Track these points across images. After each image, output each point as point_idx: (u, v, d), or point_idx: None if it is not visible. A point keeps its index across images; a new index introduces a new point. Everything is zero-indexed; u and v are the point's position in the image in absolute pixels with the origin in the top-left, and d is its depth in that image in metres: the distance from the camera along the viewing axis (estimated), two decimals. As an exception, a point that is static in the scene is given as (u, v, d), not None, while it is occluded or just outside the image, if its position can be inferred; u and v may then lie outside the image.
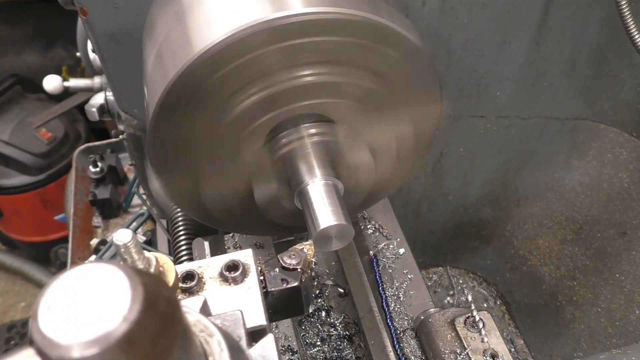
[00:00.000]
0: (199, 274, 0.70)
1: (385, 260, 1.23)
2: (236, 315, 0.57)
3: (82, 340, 0.34)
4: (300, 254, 0.80)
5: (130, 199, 1.91)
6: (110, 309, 0.35)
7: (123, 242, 0.57)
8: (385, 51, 0.78)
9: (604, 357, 0.79)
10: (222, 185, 0.89)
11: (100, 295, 0.36)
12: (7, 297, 3.09)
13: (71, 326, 0.35)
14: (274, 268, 0.77)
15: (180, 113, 0.77)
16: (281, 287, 0.76)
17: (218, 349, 0.47)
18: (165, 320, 0.37)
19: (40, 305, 0.36)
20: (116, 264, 0.38)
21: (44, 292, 0.37)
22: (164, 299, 0.38)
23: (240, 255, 0.72)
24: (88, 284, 0.37)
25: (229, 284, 0.70)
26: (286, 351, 1.09)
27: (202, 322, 0.49)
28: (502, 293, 2.03)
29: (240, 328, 0.57)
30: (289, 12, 0.70)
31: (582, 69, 1.51)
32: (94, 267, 0.38)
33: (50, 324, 0.35)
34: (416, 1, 1.25)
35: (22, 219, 2.89)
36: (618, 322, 1.58)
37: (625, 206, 1.61)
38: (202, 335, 0.48)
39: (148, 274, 0.40)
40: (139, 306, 0.35)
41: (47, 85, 1.56)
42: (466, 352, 0.97)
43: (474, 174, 1.78)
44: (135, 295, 0.36)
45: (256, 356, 0.55)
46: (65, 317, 0.35)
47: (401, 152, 0.94)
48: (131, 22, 0.98)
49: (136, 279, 0.37)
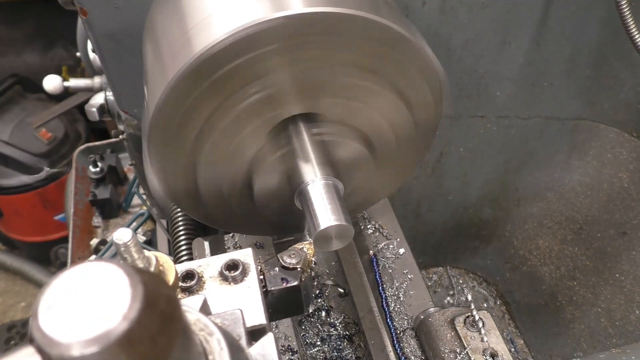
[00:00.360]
0: (198, 273, 0.70)
1: (385, 260, 1.23)
2: (236, 314, 0.57)
3: (82, 339, 0.34)
4: (300, 253, 0.79)
5: (130, 199, 1.91)
6: (110, 307, 0.35)
7: (123, 241, 0.58)
8: (385, 51, 0.78)
9: (603, 357, 0.79)
10: (222, 184, 0.89)
11: (101, 293, 0.36)
12: (7, 297, 3.09)
13: (71, 325, 0.35)
14: (274, 267, 0.77)
15: (181, 113, 0.77)
16: (281, 287, 0.76)
17: (218, 347, 0.47)
18: (165, 319, 0.37)
19: (41, 304, 0.36)
20: (116, 262, 0.38)
21: (44, 291, 0.37)
22: (164, 297, 0.38)
23: (240, 255, 0.72)
24: (88, 283, 0.37)
25: (229, 283, 0.70)
26: (286, 351, 1.09)
27: (201, 321, 0.49)
28: (502, 293, 2.03)
29: (240, 327, 0.57)
30: (288, 12, 0.70)
31: (582, 69, 1.51)
32: (94, 266, 0.38)
33: (50, 322, 0.35)
34: (416, 1, 1.25)
35: (22, 219, 2.89)
36: (618, 322, 1.58)
37: (625, 206, 1.61)
38: (202, 334, 0.48)
39: (148, 272, 0.40)
40: (139, 305, 0.35)
41: (47, 85, 1.56)
42: (466, 352, 0.97)
43: (474, 174, 1.78)
44: (135, 293, 0.36)
45: (256, 355, 0.55)
46: (65, 315, 0.35)
47: (400, 142, 0.92)
48: (131, 22, 0.98)
49: (136, 278, 0.37)
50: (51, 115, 2.29)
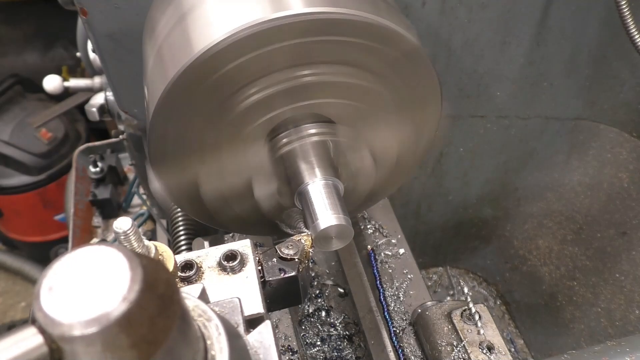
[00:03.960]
0: (197, 264, 0.71)
1: (385, 260, 1.23)
2: (234, 302, 0.58)
3: (82, 319, 0.35)
4: (297, 244, 0.80)
5: (130, 199, 1.91)
6: (110, 289, 0.36)
7: (123, 230, 0.59)
8: (385, 51, 0.78)
9: (599, 349, 0.80)
10: (223, 185, 0.89)
11: (101, 276, 0.37)
12: (7, 297, 3.09)
13: (72, 305, 0.36)
14: (272, 258, 0.78)
15: (181, 113, 0.77)
16: (279, 277, 0.76)
17: (216, 332, 0.48)
18: (164, 301, 0.38)
19: (42, 286, 0.37)
20: (116, 246, 0.39)
21: (45, 273, 0.38)
22: (163, 280, 0.39)
23: (238, 246, 0.73)
24: (89, 265, 0.38)
25: (227, 274, 0.70)
26: (286, 351, 1.08)
27: (200, 307, 0.50)
28: (502, 293, 2.03)
29: (238, 315, 0.57)
30: (288, 12, 0.70)
31: (582, 69, 1.51)
32: (94, 249, 0.39)
33: (51, 303, 0.36)
34: (416, 1, 1.25)
35: (22, 219, 2.88)
36: (618, 322, 1.58)
37: (625, 206, 1.61)
38: (200, 319, 0.49)
39: (147, 257, 0.41)
40: (138, 287, 0.36)
41: (47, 85, 1.56)
42: (462, 344, 0.98)
43: (474, 174, 1.78)
44: (135, 276, 0.37)
45: (253, 342, 0.56)
46: (66, 297, 0.36)
47: (402, 152, 0.94)
48: (131, 22, 0.98)
49: (136, 261, 0.38)
50: (51, 115, 2.29)
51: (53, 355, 0.36)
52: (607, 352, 0.80)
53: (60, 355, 0.36)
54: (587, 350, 0.81)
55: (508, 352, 0.97)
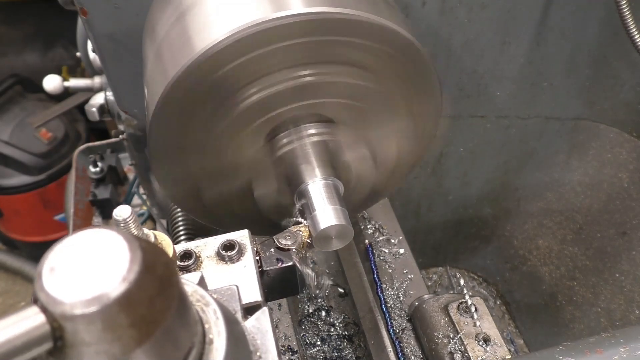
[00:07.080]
0: (196, 253, 0.72)
1: (385, 260, 1.23)
2: (232, 289, 0.59)
3: (83, 299, 0.36)
4: (295, 235, 0.81)
5: (130, 199, 1.91)
6: (110, 270, 0.37)
7: (122, 218, 0.60)
8: (384, 51, 0.78)
9: (593, 340, 0.80)
10: (223, 184, 0.89)
11: (101, 257, 0.38)
12: (7, 297, 3.09)
13: (73, 285, 0.37)
14: (270, 248, 0.79)
15: (181, 113, 0.77)
16: (276, 267, 0.77)
17: (214, 317, 0.48)
18: (162, 282, 0.39)
19: (44, 266, 0.38)
20: (116, 229, 0.40)
21: (47, 255, 0.39)
22: (162, 262, 0.40)
23: (236, 235, 0.74)
24: (89, 247, 0.39)
25: (226, 263, 0.71)
26: (286, 351, 1.08)
27: (198, 292, 0.51)
28: (502, 293, 2.03)
29: (236, 302, 0.58)
30: (288, 12, 0.70)
31: (582, 69, 1.51)
32: (95, 232, 0.40)
33: (53, 283, 0.37)
34: (416, 1, 1.25)
35: (22, 219, 2.89)
36: (618, 322, 1.58)
37: (625, 206, 1.61)
38: (198, 304, 0.49)
39: (146, 240, 0.42)
40: (137, 268, 0.37)
41: (47, 85, 1.56)
42: (459, 337, 0.99)
43: (474, 174, 1.78)
44: (134, 257, 0.38)
45: (251, 327, 0.57)
46: (67, 277, 0.37)
47: (402, 152, 0.94)
48: (131, 22, 0.98)
49: (135, 243, 0.39)
50: (51, 115, 2.29)
51: (54, 334, 0.37)
52: (601, 343, 0.80)
53: (61, 333, 0.37)
54: (581, 341, 0.82)
55: (504, 344, 0.98)
